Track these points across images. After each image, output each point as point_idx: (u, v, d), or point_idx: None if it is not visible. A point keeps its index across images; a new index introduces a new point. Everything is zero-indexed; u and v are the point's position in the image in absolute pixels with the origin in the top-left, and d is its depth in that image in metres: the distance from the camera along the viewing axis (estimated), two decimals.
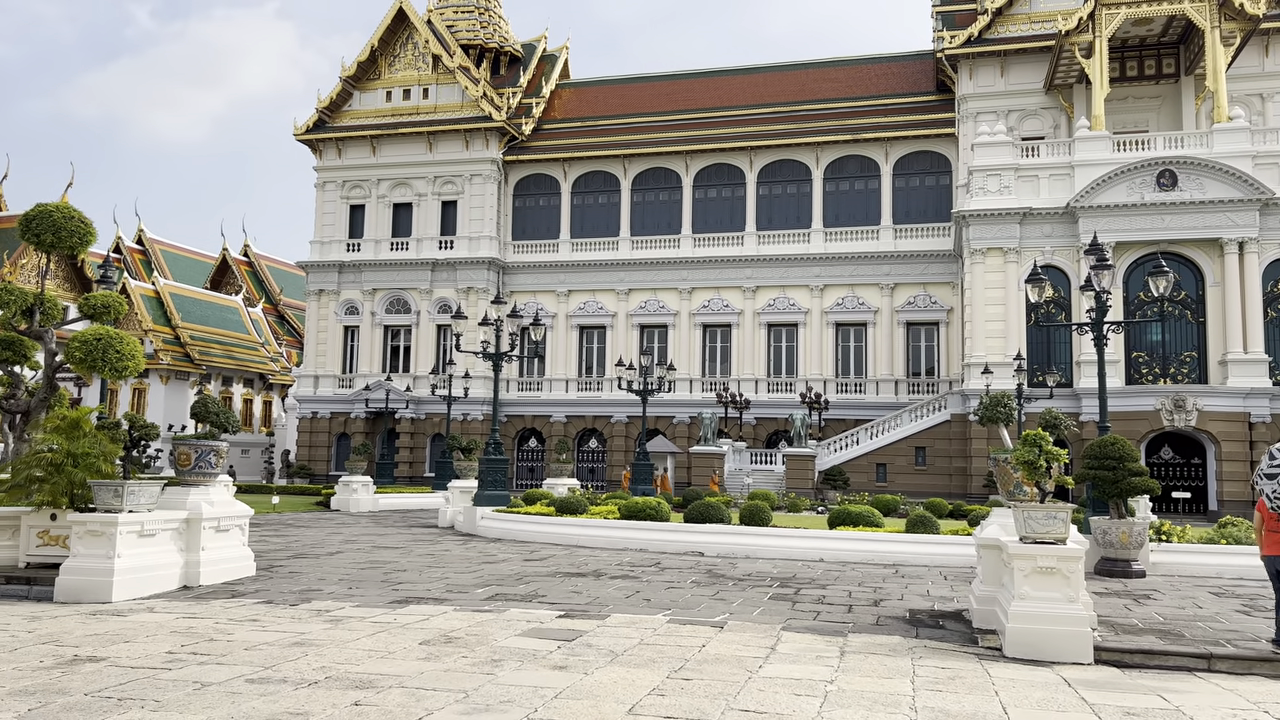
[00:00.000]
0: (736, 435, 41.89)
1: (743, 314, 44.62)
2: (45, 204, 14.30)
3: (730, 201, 45.88)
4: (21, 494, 12.11)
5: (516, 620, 10.22)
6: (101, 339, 12.78)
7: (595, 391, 45.99)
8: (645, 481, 29.79)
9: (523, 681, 7.40)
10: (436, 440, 46.04)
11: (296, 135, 49.36)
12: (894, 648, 9.08)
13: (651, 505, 19.63)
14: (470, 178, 47.54)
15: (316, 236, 49.10)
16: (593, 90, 52.78)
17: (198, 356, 53.28)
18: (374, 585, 12.99)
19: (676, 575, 14.56)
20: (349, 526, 24.50)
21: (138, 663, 7.86)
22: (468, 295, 46.45)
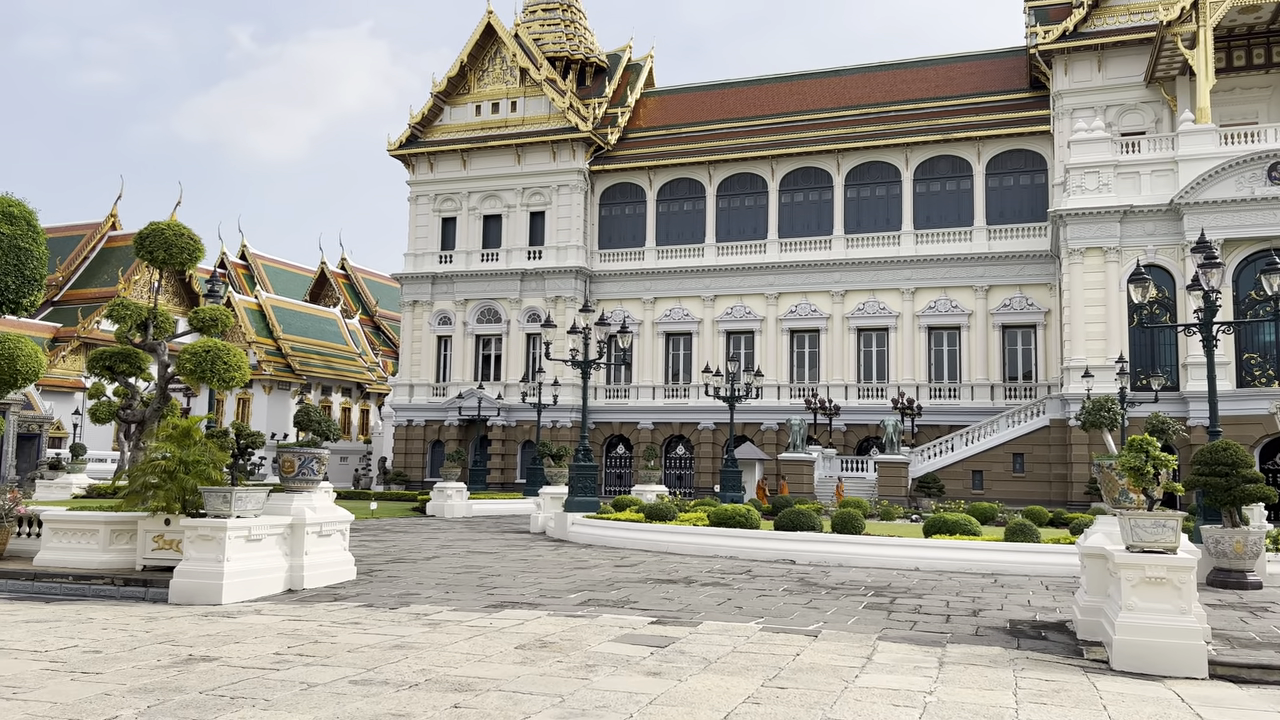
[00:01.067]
0: (826, 442, 41.39)
1: (831, 318, 44.11)
2: (157, 222, 15.00)
3: (817, 205, 45.44)
4: (138, 500, 12.68)
5: (609, 626, 10.28)
6: (210, 351, 13.33)
7: (682, 398, 46.00)
8: (735, 488, 29.64)
9: (617, 687, 7.44)
10: (527, 447, 46.65)
11: (390, 151, 50.67)
12: (995, 659, 8.86)
13: (741, 512, 19.54)
14: (557, 188, 48.11)
15: (410, 249, 50.29)
16: (677, 98, 52.91)
17: (298, 367, 55.06)
18: (470, 590, 13.22)
19: (768, 583, 14.46)
20: (444, 532, 24.98)
21: (248, 663, 8.15)
22: (556, 304, 46.98)
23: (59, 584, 12.39)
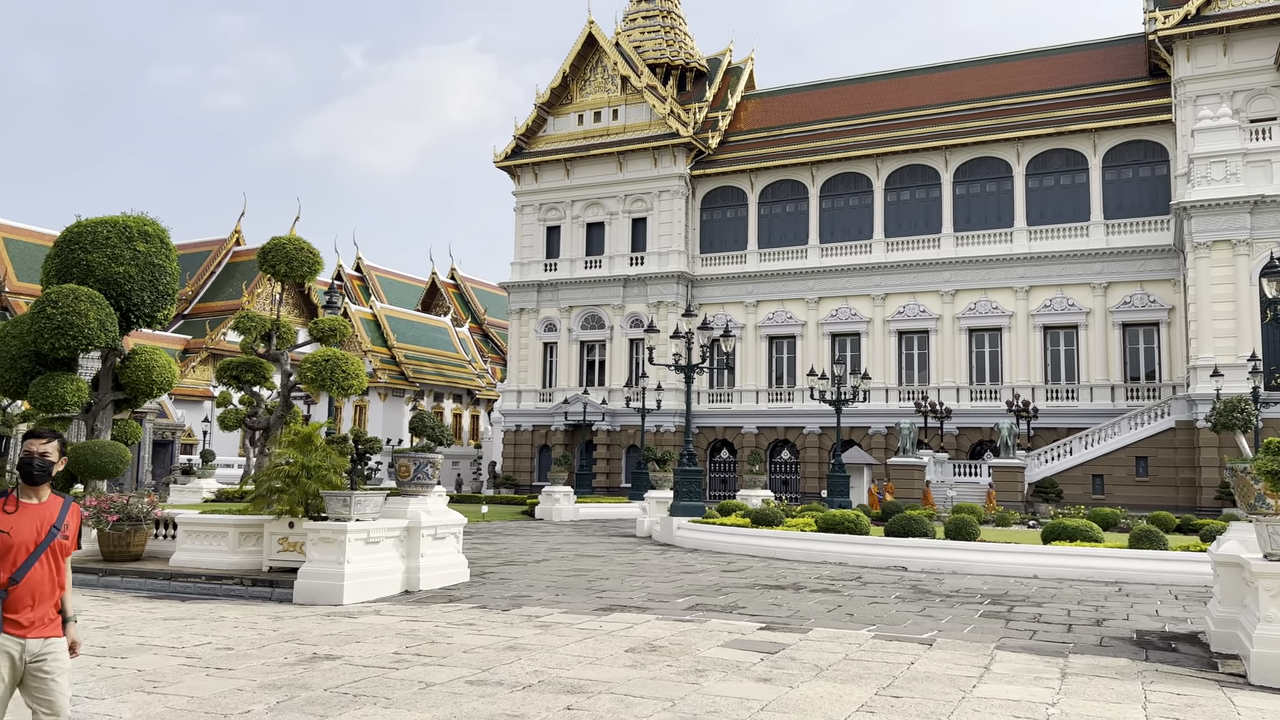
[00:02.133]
0: (937, 446, 40.42)
1: (940, 319, 43.09)
2: (279, 237, 15.65)
3: (924, 203, 44.48)
4: (263, 504, 13.25)
5: (718, 631, 10.27)
6: (330, 360, 13.83)
7: (786, 402, 45.58)
8: (842, 493, 29.22)
9: (727, 692, 7.43)
10: (631, 451, 46.92)
11: (496, 163, 51.74)
12: (1121, 670, 8.51)
13: (850, 517, 19.25)
14: (659, 194, 48.32)
15: (516, 258, 51.23)
16: (778, 99, 52.54)
17: (411, 374, 56.68)
18: (579, 592, 13.38)
19: (879, 590, 14.20)
20: (552, 535, 25.33)
21: (368, 662, 8.43)
22: (658, 309, 47.15)
23: (193, 584, 13.03)
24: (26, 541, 4.22)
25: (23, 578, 4.19)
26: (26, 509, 4.29)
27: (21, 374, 16.25)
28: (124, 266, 16.17)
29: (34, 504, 4.33)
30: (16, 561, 4.19)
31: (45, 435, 4.40)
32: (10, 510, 4.26)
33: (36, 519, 4.29)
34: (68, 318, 15.30)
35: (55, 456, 4.38)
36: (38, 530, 4.26)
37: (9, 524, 4.23)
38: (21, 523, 4.24)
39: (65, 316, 15.30)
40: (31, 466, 4.32)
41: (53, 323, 15.34)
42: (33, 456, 4.32)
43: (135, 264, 16.26)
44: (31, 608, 4.22)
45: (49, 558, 4.29)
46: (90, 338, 15.33)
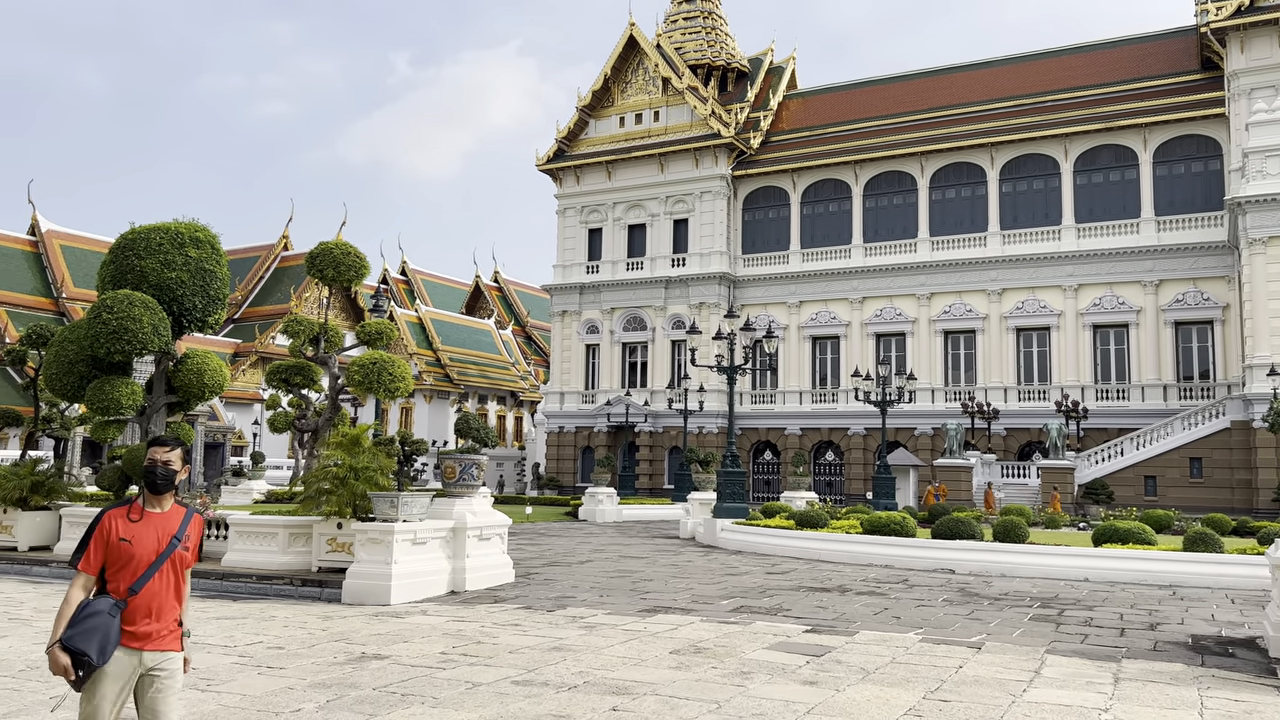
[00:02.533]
0: (984, 447, 39.89)
1: (987, 318, 42.54)
2: (326, 242, 15.88)
3: (970, 201, 43.94)
4: (312, 505, 13.45)
5: (763, 633, 10.23)
6: (377, 363, 14.01)
7: (830, 403, 45.27)
8: (888, 495, 28.95)
9: (773, 695, 7.40)
10: (674, 453, 46.90)
11: (538, 166, 52.02)
12: (1176, 676, 8.34)
13: (896, 520, 19.07)
14: (700, 195, 48.25)
15: (558, 261, 51.46)
16: (820, 98, 52.23)
17: (456, 377, 57.17)
18: (623, 594, 13.40)
19: (926, 593, 14.06)
20: (596, 536, 25.40)
21: (416, 661, 8.52)
22: (700, 310, 47.08)
23: (244, 583, 13.26)
24: (147, 552, 4.10)
25: (141, 588, 4.07)
26: (150, 518, 4.17)
27: (79, 378, 16.66)
28: (176, 272, 16.51)
29: (157, 513, 4.21)
30: (136, 572, 4.07)
31: (168, 443, 4.27)
32: (134, 519, 4.14)
33: (158, 529, 4.17)
34: (122, 323, 15.65)
35: (178, 465, 4.25)
36: (159, 540, 4.14)
37: (131, 533, 4.10)
38: (143, 532, 4.12)
39: (120, 321, 15.65)
40: (155, 475, 4.20)
41: (108, 328, 15.70)
42: (156, 465, 4.19)
43: (187, 269, 16.60)
44: (150, 619, 4.10)
45: (169, 569, 4.17)
46: (144, 342, 15.67)
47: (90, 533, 4.08)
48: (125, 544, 4.05)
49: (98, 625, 3.92)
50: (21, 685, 7.37)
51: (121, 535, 4.06)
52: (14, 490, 16.16)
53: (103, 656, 3.91)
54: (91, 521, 4.09)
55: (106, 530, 4.07)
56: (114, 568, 4.06)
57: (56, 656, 3.88)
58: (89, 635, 3.89)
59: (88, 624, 3.91)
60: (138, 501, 4.20)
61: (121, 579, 4.05)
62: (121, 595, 4.04)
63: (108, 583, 4.07)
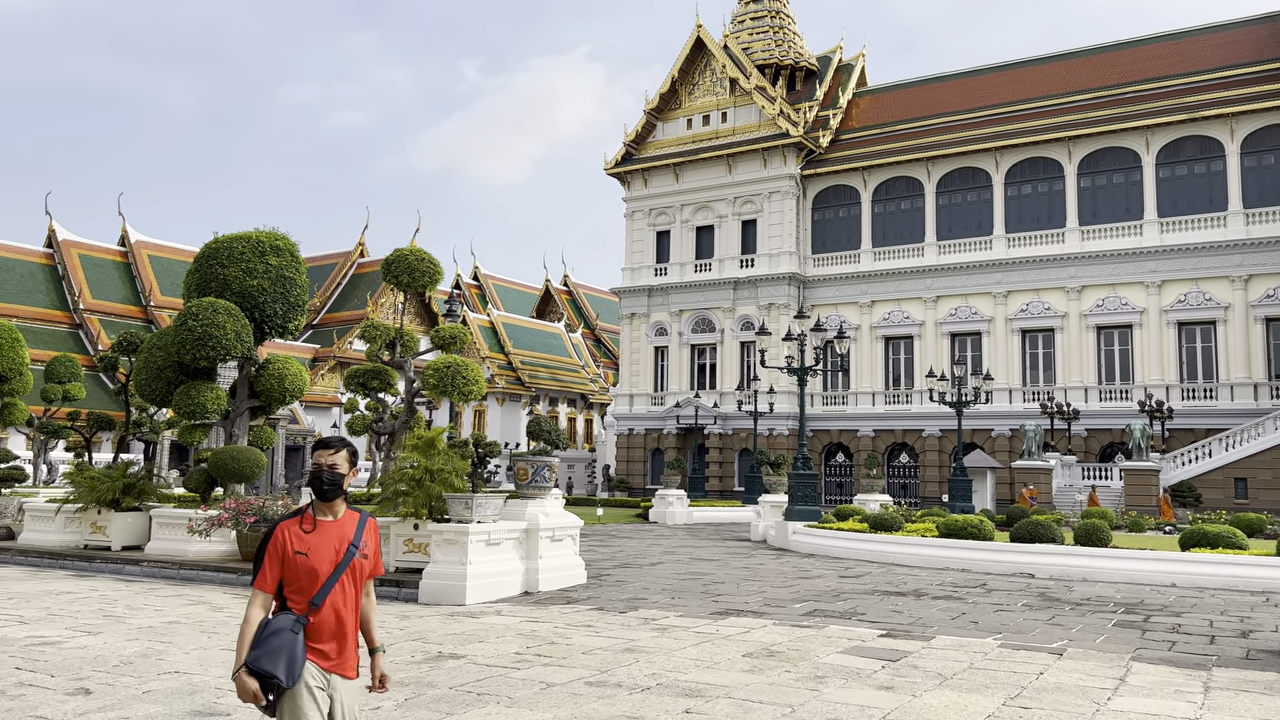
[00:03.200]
0: (1064, 448, 38.90)
1: (1066, 316, 41.49)
2: (401, 249, 16.21)
3: (1047, 197, 42.90)
4: (390, 506, 13.72)
5: (837, 637, 10.13)
6: (451, 367, 14.24)
7: (903, 404, 44.61)
8: (964, 498, 28.43)
9: (848, 700, 7.33)
10: (744, 455, 46.68)
11: (606, 170, 52.29)
12: (1270, 685, 8.03)
13: (973, 523, 18.72)
14: (769, 195, 47.96)
15: (627, 263, 51.63)
16: (890, 95, 51.54)
17: (527, 379, 57.78)
18: (694, 596, 13.40)
19: (1004, 597, 13.77)
20: (666, 538, 25.42)
21: (491, 661, 8.63)
22: (769, 311, 46.79)
23: None
24: (325, 563, 3.79)
25: (323, 602, 3.76)
26: (323, 527, 3.85)
27: (167, 383, 17.26)
28: (258, 280, 17.00)
29: (330, 521, 3.88)
30: (316, 585, 3.76)
31: (334, 445, 3.93)
32: (308, 529, 3.82)
33: (334, 538, 3.85)
34: (207, 329, 16.17)
35: (346, 468, 3.91)
36: (336, 550, 3.83)
37: (306, 544, 3.79)
38: (319, 543, 3.81)
39: (205, 328, 16.17)
40: (322, 480, 3.86)
41: (194, 334, 16.24)
42: (321, 469, 3.87)
43: (268, 277, 17.08)
44: (334, 636, 3.79)
45: (348, 579, 3.84)
46: (228, 348, 16.17)
47: (264, 548, 3.82)
48: (301, 557, 3.76)
49: (282, 644, 3.65)
50: (116, 680, 7.66)
51: (297, 548, 3.77)
52: (107, 492, 16.79)
53: (291, 677, 3.64)
54: (264, 536, 3.85)
55: (280, 544, 3.80)
56: (292, 583, 3.78)
57: (244, 682, 3.60)
58: (274, 656, 3.62)
59: (272, 644, 3.64)
60: (308, 511, 3.91)
61: (301, 594, 3.77)
62: (303, 611, 3.76)
63: (287, 599, 3.79)
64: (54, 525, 17.98)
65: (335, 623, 3.79)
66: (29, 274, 52.74)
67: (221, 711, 6.68)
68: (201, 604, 12.06)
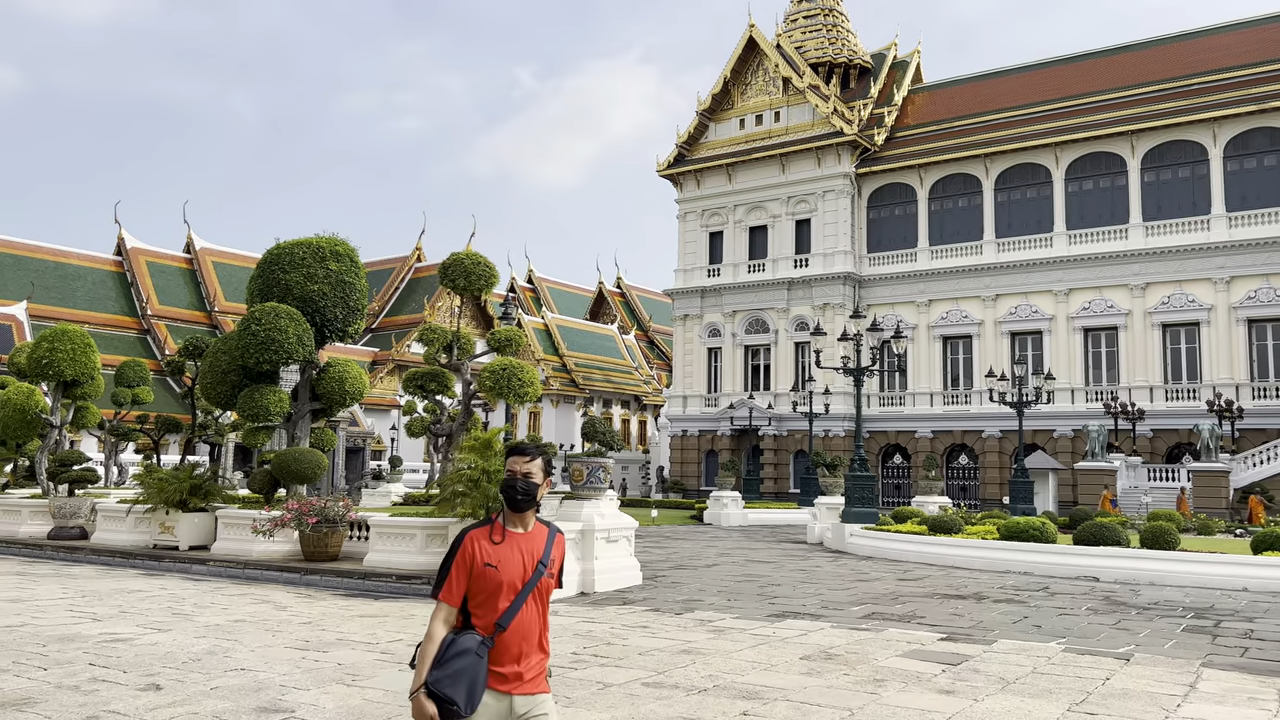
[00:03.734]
0: (1129, 449, 38.00)
1: (1130, 314, 40.54)
2: (457, 253, 16.41)
3: (1110, 193, 41.96)
4: (448, 507, 13.86)
5: (896, 640, 10.02)
6: (507, 369, 14.36)
7: (962, 405, 43.94)
8: (1025, 500, 27.93)
9: (908, 704, 7.24)
10: (799, 456, 46.35)
11: (659, 171, 52.31)
12: None
13: (1035, 525, 18.38)
14: (823, 194, 47.58)
15: (680, 265, 51.59)
16: (946, 91, 50.83)
17: (581, 381, 58.04)
18: (750, 598, 13.34)
19: (1068, 601, 13.50)
20: (721, 540, 25.35)
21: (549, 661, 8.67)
22: (824, 311, 46.40)
23: (384, 583, 13.78)
24: (514, 578, 3.52)
25: (510, 622, 3.49)
26: (512, 539, 3.59)
27: (231, 387, 17.65)
28: (318, 285, 17.32)
29: (520, 533, 3.62)
30: (505, 603, 3.50)
31: (529, 452, 3.67)
32: (497, 540, 3.57)
33: (524, 552, 3.59)
34: (270, 334, 16.51)
35: (540, 477, 3.64)
36: (525, 566, 3.56)
37: (496, 557, 3.53)
38: (508, 556, 3.54)
39: (268, 333, 16.52)
40: (515, 490, 3.59)
41: (256, 339, 16.60)
42: (515, 478, 3.60)
43: (328, 282, 17.39)
44: (519, 658, 3.52)
45: (535, 598, 3.56)
46: (290, 352, 16.49)
47: (451, 557, 3.57)
48: (490, 570, 3.50)
49: (465, 668, 3.39)
50: (185, 677, 7.85)
51: (486, 560, 3.51)
52: (175, 493, 17.22)
53: (470, 705, 3.38)
54: (451, 545, 3.63)
55: (469, 555, 3.54)
56: (478, 598, 3.51)
57: (422, 705, 3.35)
58: (456, 680, 3.36)
59: (454, 665, 3.38)
60: (498, 521, 3.65)
61: (487, 611, 3.50)
62: (489, 630, 3.49)
63: (471, 615, 3.53)
64: (124, 525, 18.50)
65: (520, 645, 3.52)
66: (99, 281, 54.34)
67: (286, 708, 6.82)
68: (266, 603, 12.31)
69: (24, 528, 20.82)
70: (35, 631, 9.86)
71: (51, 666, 8.12)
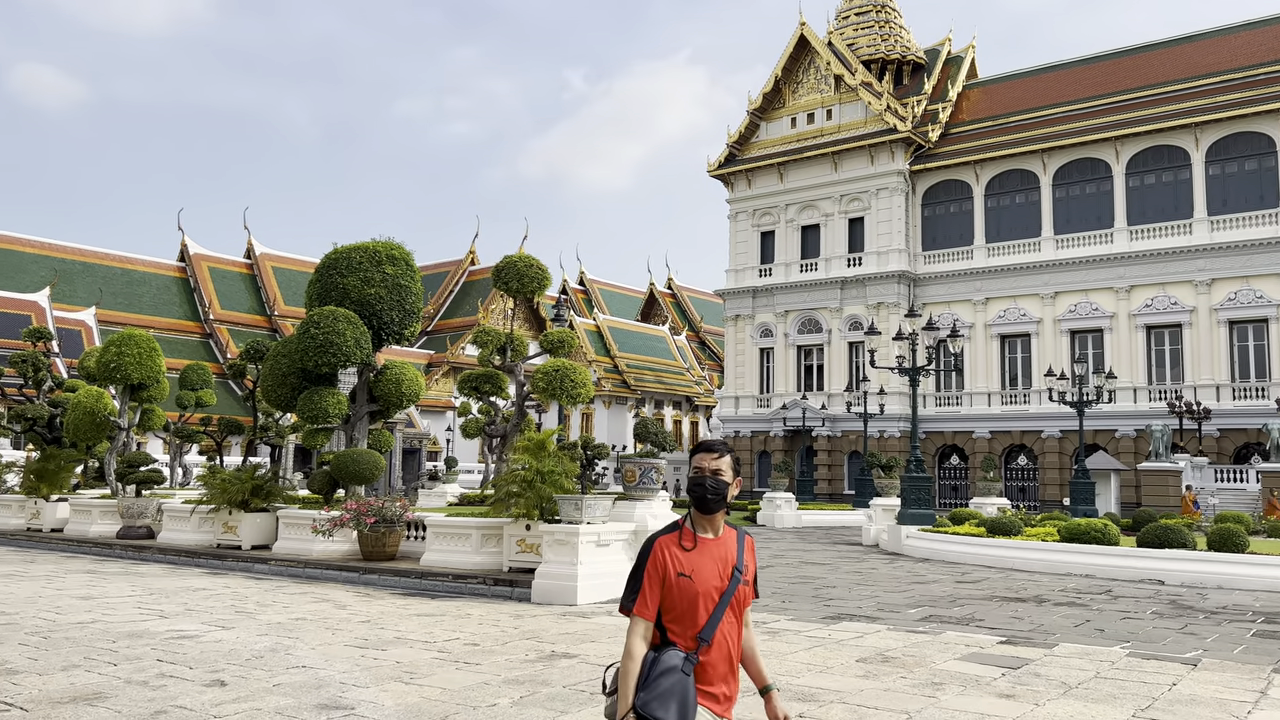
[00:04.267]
0: (1195, 450, 37.02)
1: (1195, 311, 39.49)
2: (510, 256, 16.54)
3: (1172, 187, 40.92)
4: (502, 507, 13.99)
5: (954, 643, 9.88)
6: (560, 370, 14.45)
7: (1021, 405, 43.17)
8: (1087, 501, 27.37)
9: (967, 707, 7.14)
10: (853, 458, 45.92)
11: (710, 172, 52.19)
12: None
13: (1097, 527, 18.01)
14: (876, 192, 47.08)
15: (731, 265, 51.40)
16: (1002, 86, 49.99)
17: (633, 382, 58.13)
18: (805, 600, 13.25)
19: (1132, 605, 13.20)
20: (775, 541, 25.22)
21: (602, 661, 8.70)
22: (878, 310, 45.90)
23: (440, 582, 13.94)
24: (710, 588, 3.25)
25: (713, 634, 3.23)
26: (704, 545, 3.31)
27: (291, 389, 17.99)
28: (375, 288, 17.58)
29: (711, 539, 3.34)
30: (703, 615, 3.24)
31: (717, 449, 3.38)
32: (688, 547, 3.29)
33: (717, 559, 3.31)
34: (328, 337, 16.80)
35: (730, 475, 3.36)
36: (720, 574, 3.29)
37: (690, 565, 3.26)
38: (702, 563, 3.27)
39: (326, 336, 16.81)
40: (705, 489, 3.32)
41: (315, 342, 16.89)
42: (704, 475, 3.33)
43: (385, 286, 17.65)
44: (725, 677, 3.28)
45: (733, 609, 3.30)
46: (348, 355, 16.76)
47: (641, 567, 3.30)
48: (685, 580, 3.24)
49: (673, 687, 3.13)
50: (248, 673, 8.03)
51: (680, 570, 3.25)
52: (237, 494, 17.60)
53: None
54: (640, 553, 3.34)
55: (661, 563, 3.27)
56: (674, 610, 3.25)
57: None
58: (665, 700, 3.11)
59: (662, 685, 3.13)
60: (686, 525, 3.36)
61: (685, 624, 3.24)
62: (691, 646, 3.23)
63: (667, 630, 3.26)
64: (189, 525, 18.96)
65: (725, 660, 3.27)
66: (164, 286, 55.74)
67: (346, 705, 6.93)
68: (325, 601, 12.53)
69: (94, 527, 21.45)
70: (106, 628, 10.15)
71: (121, 662, 8.35)
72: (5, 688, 7.35)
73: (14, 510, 24.50)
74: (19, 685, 7.43)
